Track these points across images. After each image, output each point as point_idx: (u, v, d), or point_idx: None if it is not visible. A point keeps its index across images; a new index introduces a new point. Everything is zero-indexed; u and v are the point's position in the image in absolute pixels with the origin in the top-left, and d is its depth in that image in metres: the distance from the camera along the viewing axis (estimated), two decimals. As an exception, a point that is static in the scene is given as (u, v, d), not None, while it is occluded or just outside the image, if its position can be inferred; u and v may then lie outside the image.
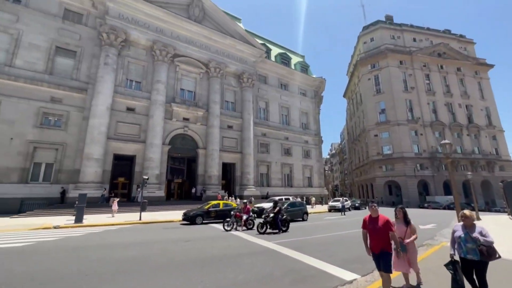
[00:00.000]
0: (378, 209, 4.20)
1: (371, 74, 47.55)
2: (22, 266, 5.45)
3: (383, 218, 4.04)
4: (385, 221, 4.01)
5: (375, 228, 4.03)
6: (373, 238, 4.05)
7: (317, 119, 42.51)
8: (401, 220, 4.54)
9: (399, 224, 4.51)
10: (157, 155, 23.95)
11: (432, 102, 46.01)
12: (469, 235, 3.56)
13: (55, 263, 5.74)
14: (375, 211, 4.14)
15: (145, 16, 25.75)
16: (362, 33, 51.75)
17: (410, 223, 4.47)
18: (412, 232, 4.45)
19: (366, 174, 48.38)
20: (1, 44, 20.11)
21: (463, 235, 3.64)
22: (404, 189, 40.91)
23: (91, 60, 23.09)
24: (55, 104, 21.01)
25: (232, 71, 31.93)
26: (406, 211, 4.57)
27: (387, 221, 3.99)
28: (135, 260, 6.01)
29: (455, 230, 3.84)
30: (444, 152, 10.16)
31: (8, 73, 19.58)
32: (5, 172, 18.45)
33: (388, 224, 3.96)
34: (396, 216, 4.64)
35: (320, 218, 18.36)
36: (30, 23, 21.23)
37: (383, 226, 3.96)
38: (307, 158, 38.76)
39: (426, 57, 47.57)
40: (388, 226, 3.95)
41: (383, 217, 4.06)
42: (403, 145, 42.22)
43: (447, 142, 9.98)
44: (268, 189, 32.56)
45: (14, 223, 12.52)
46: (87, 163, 20.46)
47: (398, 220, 4.59)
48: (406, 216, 4.54)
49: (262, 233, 10.19)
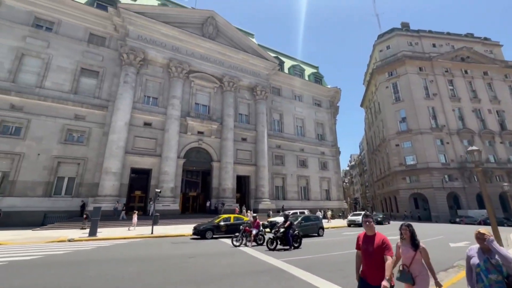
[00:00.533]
0: (374, 225, 3.36)
1: (388, 82, 46.05)
2: (19, 280, 5.44)
3: (379, 237, 3.20)
4: (381, 241, 3.16)
5: (368, 251, 3.19)
6: (367, 263, 3.23)
7: (334, 130, 41.46)
8: (408, 241, 3.46)
9: (405, 246, 3.47)
10: (172, 168, 24.30)
11: (458, 108, 43.30)
12: (490, 262, 2.75)
13: (51, 279, 5.71)
14: (370, 228, 3.31)
15: (162, 36, 27.13)
16: (377, 41, 50.84)
17: (420, 245, 3.37)
18: (424, 258, 3.36)
19: (389, 186, 45.74)
20: (34, 68, 21.93)
21: (482, 263, 2.82)
22: (432, 202, 37.95)
23: (112, 79, 24.46)
24: (78, 121, 22.26)
25: (245, 84, 32.36)
26: (414, 230, 3.51)
27: (382, 241, 3.15)
28: (131, 278, 5.82)
29: (470, 255, 3.00)
30: (472, 160, 9.22)
31: (38, 94, 21.18)
32: (31, 186, 19.50)
33: (384, 246, 3.11)
34: (402, 237, 3.54)
35: (338, 233, 17.28)
36: (59, 48, 23.07)
37: (378, 248, 3.12)
38: (324, 170, 37.52)
39: (448, 62, 45.40)
40: (384, 248, 3.10)
41: (380, 236, 3.22)
42: (428, 155, 39.63)
43: (475, 149, 9.06)
44: (283, 202, 31.65)
45: (34, 236, 12.98)
46: (106, 177, 21.15)
47: (404, 242, 3.51)
48: (414, 237, 3.42)
49: (272, 249, 9.64)
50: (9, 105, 19.96)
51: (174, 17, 28.34)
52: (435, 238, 15.12)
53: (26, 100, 20.58)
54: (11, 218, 18.12)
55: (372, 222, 3.34)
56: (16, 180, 19.13)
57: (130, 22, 25.34)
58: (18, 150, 19.59)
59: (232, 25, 32.21)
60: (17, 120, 20.08)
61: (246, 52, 32.39)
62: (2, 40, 21.06)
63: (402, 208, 40.63)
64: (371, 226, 3.32)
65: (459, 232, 18.99)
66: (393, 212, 44.27)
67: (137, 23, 25.68)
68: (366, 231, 3.38)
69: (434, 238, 15.11)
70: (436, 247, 11.32)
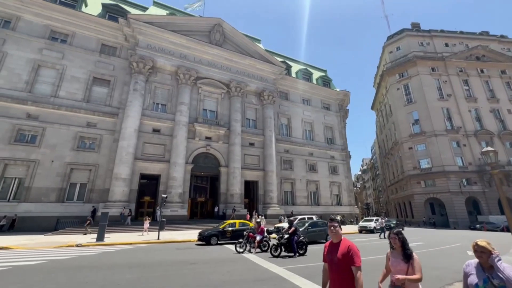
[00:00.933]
0: (340, 230, 2.81)
1: (399, 83, 44.91)
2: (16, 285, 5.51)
3: (345, 244, 2.68)
4: (346, 248, 2.62)
5: (333, 261, 2.68)
6: (333, 277, 2.69)
7: (343, 133, 40.70)
8: (398, 251, 2.94)
9: (395, 258, 2.95)
10: (180, 174, 24.49)
11: (474, 109, 41.51)
12: (491, 283, 2.26)
13: (47, 284, 5.73)
14: (335, 234, 2.77)
15: (170, 44, 27.76)
16: (387, 42, 49.92)
17: (412, 257, 2.82)
18: (415, 272, 2.78)
19: (403, 190, 44.12)
20: (49, 79, 22.90)
21: (481, 284, 2.31)
22: (450, 207, 36.21)
23: (122, 87, 25.15)
24: (90, 128, 22.94)
25: (252, 89, 32.45)
26: (405, 238, 2.98)
27: (348, 248, 2.61)
28: (127, 284, 5.75)
29: (467, 272, 2.47)
30: (488, 161, 8.68)
31: (52, 103, 22.05)
32: (45, 192, 20.14)
33: (350, 253, 2.57)
34: (391, 246, 3.04)
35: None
36: (73, 59, 24.03)
37: (343, 257, 2.58)
38: (334, 175, 36.74)
39: (462, 62, 43.83)
40: (350, 258, 2.55)
41: (347, 242, 2.71)
42: (444, 158, 38.04)
43: (490, 150, 8.52)
44: (292, 207, 31.13)
45: (45, 241, 13.29)
46: (116, 182, 21.56)
47: (394, 252, 3.00)
48: (405, 246, 2.90)
49: (276, 256, 9.37)
50: (25, 114, 20.87)
51: (182, 26, 29.00)
52: (452, 245, 14.30)
53: (42, 109, 21.46)
54: (26, 223, 18.76)
55: (337, 227, 2.79)
56: (31, 186, 19.83)
57: (140, 32, 26.12)
58: (33, 157, 20.36)
59: (239, 31, 32.58)
60: (33, 128, 20.93)
61: (253, 58, 32.59)
62: (21, 53, 22.18)
63: (417, 214, 39.01)
64: (336, 231, 2.79)
65: (478, 239, 17.88)
66: (408, 217, 42.56)
67: (146, 33, 26.43)
68: (332, 237, 2.84)
69: (451, 245, 14.30)
70: (452, 255, 10.66)
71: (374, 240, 16.72)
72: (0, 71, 21.07)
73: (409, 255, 2.86)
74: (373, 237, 19.21)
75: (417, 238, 18.51)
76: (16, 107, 20.62)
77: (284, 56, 42.41)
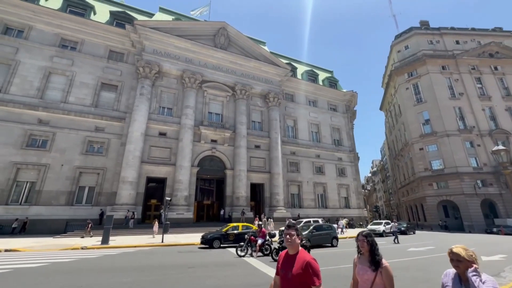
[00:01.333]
0: (297, 240, 2.30)
1: (408, 83, 43.87)
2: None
3: (302, 259, 2.19)
4: (303, 264, 2.14)
5: (286, 277, 2.22)
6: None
7: (351, 135, 40.03)
8: (366, 257, 2.53)
9: (362, 265, 2.53)
10: (186, 177, 24.62)
11: (489, 108, 39.99)
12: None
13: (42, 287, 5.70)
14: (291, 245, 2.29)
15: (176, 49, 28.14)
16: (394, 42, 49.00)
17: (382, 264, 2.40)
18: (386, 283, 2.35)
19: (414, 193, 42.83)
20: (59, 85, 23.60)
21: None
22: (464, 210, 34.83)
23: (129, 92, 25.63)
24: (98, 133, 23.43)
25: (258, 91, 32.43)
26: (375, 242, 2.54)
27: (305, 264, 2.13)
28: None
29: (444, 283, 2.18)
30: (500, 161, 8.25)
31: (62, 109, 22.69)
32: (55, 195, 20.64)
33: (308, 272, 2.10)
34: (359, 251, 2.63)
35: (354, 244, 16.22)
36: (82, 65, 24.71)
37: (298, 275, 2.13)
38: (342, 177, 36.09)
39: (475, 59, 42.43)
40: (307, 277, 2.09)
41: (304, 256, 2.22)
42: (457, 159, 36.73)
43: (502, 149, 8.11)
44: (299, 210, 30.73)
45: (52, 243, 13.56)
46: (123, 186, 21.87)
47: (362, 258, 2.58)
48: (374, 251, 2.48)
49: (277, 260, 9.15)
50: (37, 119, 21.54)
51: (187, 30, 29.40)
52: (465, 250, 13.62)
53: (52, 114, 22.11)
54: (37, 226, 19.25)
55: (294, 236, 2.27)
56: (42, 190, 20.38)
57: (146, 38, 26.63)
58: (44, 162, 20.94)
59: (243, 34, 32.73)
60: (43, 133, 21.56)
61: (257, 60, 32.63)
62: (33, 61, 22.99)
63: (429, 217, 37.73)
64: (292, 241, 2.26)
65: (495, 244, 17.07)
66: (420, 221, 41.23)
67: (152, 38, 26.92)
68: (288, 248, 2.35)
69: (464, 250, 13.62)
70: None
71: (383, 244, 16.19)
72: (14, 78, 21.89)
73: (378, 262, 2.42)
74: (381, 241, 18.63)
75: (428, 242, 17.82)
76: (28, 113, 21.33)
77: (289, 58, 42.28)
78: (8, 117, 20.63)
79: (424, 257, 10.97)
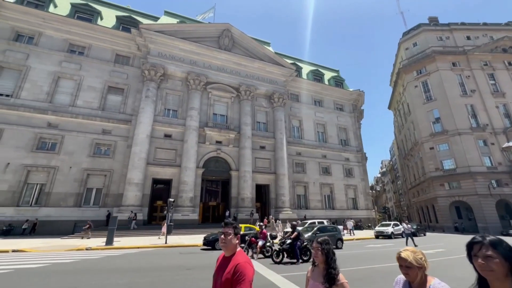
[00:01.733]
0: (235, 240, 2.06)
1: (417, 80, 42.78)
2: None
3: (234, 261, 1.95)
4: (233, 268, 1.90)
5: (217, 283, 1.99)
6: None
7: (358, 134, 39.34)
8: (320, 270, 2.20)
9: (315, 280, 2.19)
10: (191, 178, 24.71)
11: (503, 104, 38.50)
12: None
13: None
14: (225, 246, 2.03)
15: (180, 51, 28.40)
16: (402, 39, 47.95)
17: (337, 281, 2.07)
18: None
19: (425, 193, 41.62)
20: (68, 89, 24.17)
21: None
22: (478, 211, 33.57)
23: (135, 95, 26.00)
24: (105, 135, 23.84)
25: (262, 92, 32.32)
26: (332, 252, 2.22)
27: (235, 268, 1.88)
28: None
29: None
30: (510, 158, 7.80)
31: (71, 112, 23.22)
32: (64, 197, 21.09)
33: (235, 276, 1.85)
34: (313, 262, 2.33)
35: (361, 246, 15.84)
36: (90, 69, 25.25)
37: (227, 281, 1.88)
38: (350, 177, 35.46)
39: (487, 55, 41.00)
40: (234, 281, 1.85)
41: (238, 258, 1.97)
42: (470, 158, 35.48)
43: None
44: (306, 211, 30.33)
45: (58, 244, 13.80)
46: (129, 187, 22.13)
47: (316, 271, 2.25)
48: (329, 263, 2.15)
49: (277, 262, 8.98)
50: (46, 123, 22.12)
51: (191, 33, 29.64)
52: (477, 253, 13.04)
53: (61, 118, 22.65)
54: (46, 227, 19.69)
55: (230, 236, 2.02)
56: (51, 191, 20.86)
57: (151, 41, 26.99)
58: (53, 164, 21.45)
59: (247, 35, 32.74)
60: (53, 136, 22.11)
61: (262, 61, 32.55)
62: (43, 66, 23.64)
63: (441, 218, 36.56)
64: (227, 241, 2.01)
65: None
66: (432, 222, 40.03)
67: (157, 41, 27.26)
68: (222, 249, 2.10)
69: (476, 253, 13.05)
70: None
71: (390, 247, 15.74)
72: (24, 84, 22.56)
73: (333, 278, 2.01)
74: (389, 243, 18.12)
75: (438, 244, 17.21)
76: (38, 116, 21.92)
77: (294, 58, 42.00)
78: (19, 121, 21.26)
79: (432, 259, 10.54)
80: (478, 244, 1.44)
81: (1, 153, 20.05)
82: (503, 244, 1.39)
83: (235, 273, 1.86)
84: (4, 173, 19.81)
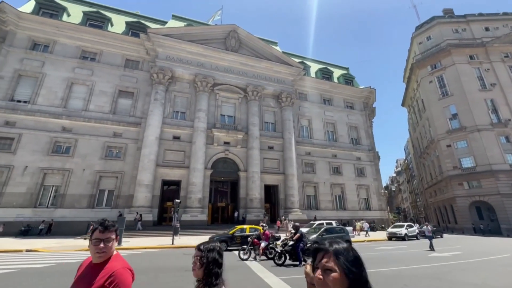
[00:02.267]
0: (113, 244, 1.70)
1: (432, 75, 41.07)
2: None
3: (109, 270, 1.61)
4: (106, 276, 1.56)
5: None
6: None
7: (370, 133, 38.26)
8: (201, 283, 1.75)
9: None
10: (200, 179, 24.89)
11: (527, 98, 36.24)
12: None
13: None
14: (106, 255, 1.66)
15: (188, 54, 28.75)
16: (415, 33, 46.24)
17: None
18: None
19: (442, 193, 39.84)
20: (81, 94, 25.04)
21: None
22: (501, 212, 31.72)
23: (144, 98, 26.56)
24: (116, 138, 24.49)
25: (270, 92, 32.13)
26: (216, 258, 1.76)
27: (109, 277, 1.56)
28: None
29: None
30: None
31: (83, 116, 24.03)
32: (78, 198, 21.83)
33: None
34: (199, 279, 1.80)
35: (371, 248, 15.28)
36: (101, 75, 26.05)
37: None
38: (361, 177, 34.52)
39: (508, 46, 38.72)
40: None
41: (112, 266, 1.63)
42: (491, 156, 33.61)
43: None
44: (316, 212, 29.75)
45: (70, 244, 14.25)
46: (139, 189, 22.61)
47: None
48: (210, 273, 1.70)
49: (279, 264, 8.78)
50: (61, 127, 23.00)
51: (198, 35, 29.95)
52: (498, 256, 12.27)
53: (75, 122, 23.50)
54: (61, 227, 20.42)
55: (111, 242, 1.68)
56: (66, 193, 21.65)
57: (159, 45, 27.50)
58: (67, 167, 22.26)
59: (254, 35, 32.68)
60: (67, 140, 22.95)
61: (269, 60, 32.38)
62: (57, 73, 24.63)
63: (460, 219, 34.85)
64: (107, 250, 1.65)
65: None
66: (450, 223, 38.24)
67: (165, 45, 27.74)
68: (92, 257, 1.69)
69: (496, 256, 12.28)
70: (493, 270, 9.05)
71: (403, 249, 15.09)
72: (40, 90, 23.59)
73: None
74: (402, 245, 17.39)
75: (455, 247, 16.33)
76: (53, 121, 22.84)
77: (302, 57, 41.51)
78: (36, 126, 22.23)
79: (447, 263, 9.98)
80: (321, 252, 1.05)
81: (19, 157, 21.04)
82: (349, 254, 1.02)
83: (110, 284, 1.53)
84: (22, 176, 20.77)
